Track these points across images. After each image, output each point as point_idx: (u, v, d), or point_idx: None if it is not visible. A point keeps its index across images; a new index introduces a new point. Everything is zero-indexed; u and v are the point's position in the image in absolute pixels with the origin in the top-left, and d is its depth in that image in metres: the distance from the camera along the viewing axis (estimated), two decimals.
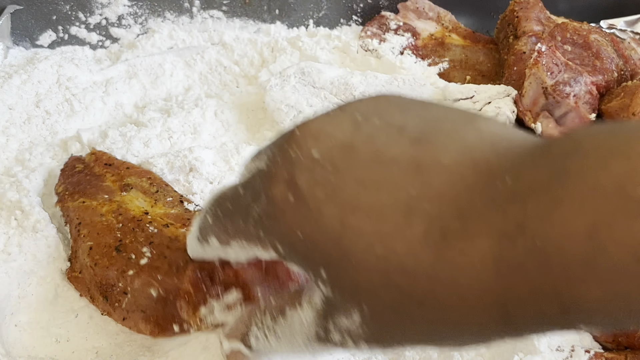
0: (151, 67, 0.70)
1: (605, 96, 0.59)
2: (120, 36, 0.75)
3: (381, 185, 0.29)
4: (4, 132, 0.62)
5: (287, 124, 0.60)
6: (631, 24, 0.75)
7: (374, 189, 0.29)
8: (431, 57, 0.72)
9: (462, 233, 0.27)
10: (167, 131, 0.60)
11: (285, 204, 0.31)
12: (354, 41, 0.74)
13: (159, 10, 0.76)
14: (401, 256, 0.28)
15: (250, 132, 0.64)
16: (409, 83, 0.62)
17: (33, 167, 0.57)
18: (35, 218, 0.51)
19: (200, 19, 0.77)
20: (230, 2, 0.77)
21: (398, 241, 0.28)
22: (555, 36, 0.62)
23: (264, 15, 0.78)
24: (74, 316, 0.48)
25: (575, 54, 0.61)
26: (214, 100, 0.65)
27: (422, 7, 0.76)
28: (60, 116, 0.64)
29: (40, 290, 0.49)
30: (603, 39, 0.63)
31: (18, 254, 0.49)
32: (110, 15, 0.75)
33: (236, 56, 0.73)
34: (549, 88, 0.58)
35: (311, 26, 0.78)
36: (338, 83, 0.62)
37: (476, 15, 0.80)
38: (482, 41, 0.74)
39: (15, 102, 0.64)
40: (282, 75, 0.63)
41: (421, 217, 0.28)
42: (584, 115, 0.57)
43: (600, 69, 0.60)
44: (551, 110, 0.58)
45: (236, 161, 0.56)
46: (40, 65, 0.66)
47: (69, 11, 0.74)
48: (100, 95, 0.66)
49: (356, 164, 0.30)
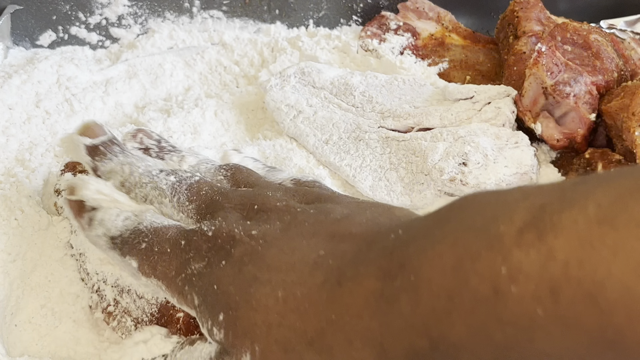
0: (151, 67, 0.70)
1: (605, 96, 0.59)
2: (120, 36, 0.75)
3: (297, 250, 0.34)
4: (4, 132, 0.62)
5: (287, 124, 0.60)
6: (631, 24, 0.75)
7: (290, 253, 0.34)
8: (431, 57, 0.72)
9: (354, 277, 0.31)
10: (167, 131, 0.60)
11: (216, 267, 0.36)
12: (354, 41, 0.74)
13: (159, 10, 0.76)
14: (299, 298, 0.32)
15: (250, 132, 0.64)
16: (408, 83, 0.62)
17: (33, 167, 0.58)
18: (35, 218, 0.51)
19: (200, 19, 0.77)
20: (230, 2, 0.77)
21: (299, 287, 0.33)
22: (555, 36, 0.62)
23: (264, 15, 0.78)
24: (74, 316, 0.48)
25: (575, 54, 0.61)
26: (214, 100, 0.65)
27: (422, 7, 0.76)
28: (60, 116, 0.64)
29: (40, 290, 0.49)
30: (603, 39, 0.63)
31: (18, 254, 0.49)
32: (110, 15, 0.75)
33: (236, 56, 0.73)
34: (549, 88, 0.58)
35: (311, 26, 0.78)
36: (338, 83, 0.62)
37: (476, 15, 0.80)
38: (482, 41, 0.74)
39: (15, 102, 0.64)
40: (282, 75, 0.63)
41: (324, 269, 0.33)
42: (584, 115, 0.57)
43: (600, 69, 0.60)
44: (551, 110, 0.58)
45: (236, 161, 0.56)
46: (40, 65, 0.66)
47: (69, 11, 0.74)
48: (100, 95, 0.66)
49: (283, 239, 0.35)
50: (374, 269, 0.30)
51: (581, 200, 0.24)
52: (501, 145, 0.55)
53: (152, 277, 0.38)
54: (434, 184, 0.53)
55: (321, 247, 0.34)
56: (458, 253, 0.26)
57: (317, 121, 0.59)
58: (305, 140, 0.59)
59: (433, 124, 0.57)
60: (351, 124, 0.59)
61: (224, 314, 0.34)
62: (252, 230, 0.36)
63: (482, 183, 0.52)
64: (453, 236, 0.27)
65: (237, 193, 0.41)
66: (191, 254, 0.37)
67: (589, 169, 0.55)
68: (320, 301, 0.32)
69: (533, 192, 0.27)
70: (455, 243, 0.27)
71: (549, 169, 0.58)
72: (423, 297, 0.27)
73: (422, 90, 0.62)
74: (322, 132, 0.59)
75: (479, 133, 0.55)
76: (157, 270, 0.38)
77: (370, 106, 0.60)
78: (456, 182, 0.52)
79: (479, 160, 0.53)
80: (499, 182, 0.53)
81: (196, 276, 0.36)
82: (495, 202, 0.27)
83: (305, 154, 0.58)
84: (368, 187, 0.55)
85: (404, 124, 0.58)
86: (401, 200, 0.54)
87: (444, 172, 0.52)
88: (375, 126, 0.58)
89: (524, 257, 0.24)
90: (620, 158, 0.55)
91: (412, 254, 0.29)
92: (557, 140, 0.58)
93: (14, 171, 0.57)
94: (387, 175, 0.55)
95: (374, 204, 0.39)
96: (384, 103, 0.60)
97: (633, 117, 0.54)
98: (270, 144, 0.59)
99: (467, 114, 0.57)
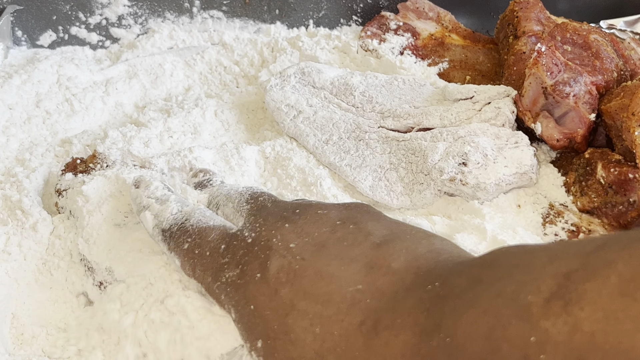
0: (151, 67, 0.70)
1: (605, 96, 0.59)
2: (121, 36, 0.75)
3: (335, 278, 0.34)
4: (4, 132, 0.62)
5: (287, 124, 0.60)
6: (631, 24, 0.75)
7: (328, 280, 0.34)
8: (431, 57, 0.72)
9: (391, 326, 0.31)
10: (167, 131, 0.60)
11: (251, 279, 0.36)
12: (354, 41, 0.74)
13: (159, 10, 0.76)
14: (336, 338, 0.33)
15: (250, 132, 0.64)
16: (408, 83, 0.62)
17: (33, 167, 0.58)
18: (35, 218, 0.51)
19: (200, 19, 0.77)
20: (230, 2, 0.77)
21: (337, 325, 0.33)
22: (555, 36, 0.62)
23: (264, 15, 0.78)
24: (74, 316, 0.48)
25: (575, 54, 0.61)
26: (214, 100, 0.65)
27: (422, 7, 0.76)
28: (60, 116, 0.64)
29: (40, 290, 0.49)
30: (603, 39, 0.63)
31: (18, 254, 0.49)
32: (110, 15, 0.75)
33: (236, 56, 0.73)
34: (549, 88, 0.58)
35: (311, 26, 0.78)
36: (338, 83, 0.62)
37: (476, 15, 0.80)
38: (482, 41, 0.74)
39: (15, 102, 0.64)
40: (282, 75, 0.63)
41: (362, 309, 0.33)
42: (584, 115, 0.57)
43: (600, 69, 0.60)
44: (551, 110, 0.58)
45: (236, 161, 0.56)
46: (40, 65, 0.66)
47: (69, 11, 0.74)
48: (100, 95, 0.66)
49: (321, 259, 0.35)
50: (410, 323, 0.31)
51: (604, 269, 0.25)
52: (501, 145, 0.55)
53: (192, 277, 0.40)
54: (434, 184, 0.53)
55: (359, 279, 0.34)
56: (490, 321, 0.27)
57: (317, 121, 0.59)
58: (305, 140, 0.59)
59: (433, 124, 0.57)
60: (351, 124, 0.59)
61: (262, 342, 0.34)
62: (291, 242, 0.37)
63: (482, 183, 0.52)
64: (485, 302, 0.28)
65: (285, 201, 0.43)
66: (227, 259, 0.38)
67: (589, 168, 0.55)
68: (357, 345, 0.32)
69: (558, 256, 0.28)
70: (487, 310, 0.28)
71: (549, 169, 0.58)
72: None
73: (422, 90, 0.62)
74: (322, 132, 0.59)
75: (479, 133, 0.55)
76: (196, 273, 0.39)
77: (370, 106, 0.60)
78: (456, 182, 0.52)
79: (479, 160, 0.53)
80: (499, 181, 0.53)
81: (231, 287, 0.37)
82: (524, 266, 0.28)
83: (305, 154, 0.58)
84: (368, 187, 0.55)
85: (404, 124, 0.58)
86: (401, 200, 0.54)
87: (444, 172, 0.53)
88: (375, 126, 0.58)
89: (551, 327, 0.25)
90: (620, 158, 0.55)
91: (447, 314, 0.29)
92: (557, 140, 0.58)
93: (14, 171, 0.57)
94: (387, 175, 0.55)
95: (413, 228, 0.39)
96: (384, 103, 0.60)
97: (633, 117, 0.54)
98: (270, 144, 0.59)
99: (467, 114, 0.57)
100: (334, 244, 0.36)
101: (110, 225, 0.48)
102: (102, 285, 0.47)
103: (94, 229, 0.48)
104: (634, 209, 0.51)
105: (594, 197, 0.54)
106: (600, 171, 0.54)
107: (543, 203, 0.55)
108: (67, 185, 0.53)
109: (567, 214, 0.54)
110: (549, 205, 0.55)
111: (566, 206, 0.55)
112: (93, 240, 0.48)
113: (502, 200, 0.54)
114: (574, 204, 0.55)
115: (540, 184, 0.56)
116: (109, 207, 0.50)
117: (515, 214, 0.54)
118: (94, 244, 0.48)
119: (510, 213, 0.53)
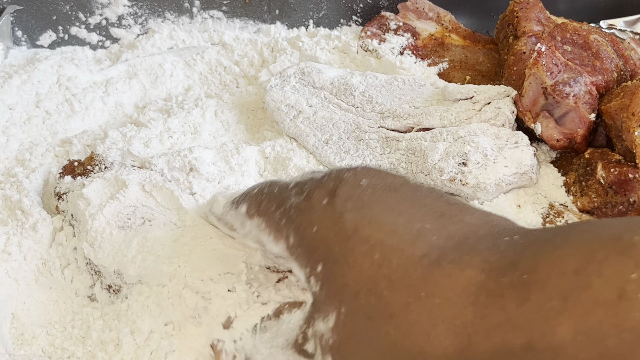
0: (151, 67, 0.70)
1: (605, 96, 0.59)
2: (120, 36, 0.75)
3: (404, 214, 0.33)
4: (4, 132, 0.62)
5: (287, 124, 0.60)
6: (631, 24, 0.75)
7: (396, 214, 0.33)
8: (431, 57, 0.72)
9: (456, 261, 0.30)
10: (167, 131, 0.60)
11: (317, 204, 0.35)
12: (354, 41, 0.74)
13: (159, 11, 0.76)
14: (394, 266, 0.31)
15: (250, 132, 0.64)
16: (408, 83, 0.62)
17: (33, 167, 0.58)
18: (35, 218, 0.51)
19: (200, 19, 0.77)
20: (230, 2, 0.77)
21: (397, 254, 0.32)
22: (555, 36, 0.62)
23: (264, 15, 0.78)
24: (73, 315, 0.48)
25: (575, 54, 0.61)
26: (214, 100, 0.65)
27: (422, 7, 0.76)
28: (60, 116, 0.64)
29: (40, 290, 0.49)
30: (603, 39, 0.63)
31: (18, 254, 0.49)
32: (110, 15, 0.75)
33: (236, 56, 0.73)
34: (549, 88, 0.58)
35: (311, 26, 0.78)
36: (338, 83, 0.62)
37: (476, 15, 0.80)
38: (482, 41, 0.74)
39: (15, 102, 0.64)
40: (282, 75, 0.63)
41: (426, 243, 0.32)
42: (584, 115, 0.57)
43: (600, 69, 0.60)
44: (551, 110, 0.58)
45: (236, 161, 0.56)
46: (40, 65, 0.66)
47: (69, 11, 0.74)
48: (100, 95, 0.66)
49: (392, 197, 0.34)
50: (479, 261, 0.30)
51: None
52: (501, 145, 0.55)
53: (255, 216, 0.39)
54: (434, 184, 0.53)
55: (429, 220, 0.33)
56: (583, 258, 0.26)
57: (317, 121, 0.59)
58: (305, 140, 0.59)
59: (433, 124, 0.57)
60: (351, 124, 0.59)
61: (322, 266, 0.34)
62: (363, 179, 0.36)
63: (482, 183, 0.52)
64: (577, 243, 0.27)
65: None
66: (294, 190, 0.37)
67: (589, 168, 0.55)
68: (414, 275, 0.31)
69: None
70: (579, 249, 0.27)
71: (549, 169, 0.58)
72: (533, 296, 0.27)
73: (422, 90, 0.62)
74: (322, 132, 0.59)
75: (479, 133, 0.55)
76: (261, 207, 0.39)
77: (370, 106, 0.60)
78: (456, 182, 0.52)
79: (479, 160, 0.53)
80: (499, 182, 0.53)
81: (295, 210, 0.36)
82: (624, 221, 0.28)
83: (305, 154, 0.58)
84: None
85: (403, 124, 0.58)
86: None
87: (443, 172, 0.53)
88: (375, 126, 0.58)
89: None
90: (620, 158, 0.55)
91: (527, 256, 0.28)
92: (557, 140, 0.58)
93: (14, 171, 0.57)
94: None
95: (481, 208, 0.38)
96: (384, 103, 0.60)
97: (633, 117, 0.54)
98: (270, 144, 0.59)
99: (467, 114, 0.57)
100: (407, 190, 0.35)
101: (114, 228, 0.48)
102: (112, 288, 0.47)
103: (98, 232, 0.48)
104: (634, 209, 0.51)
105: (594, 197, 0.54)
106: (600, 171, 0.54)
107: (543, 203, 0.55)
108: (67, 188, 0.53)
109: (567, 214, 0.54)
110: (549, 205, 0.55)
111: (566, 206, 0.55)
112: (98, 244, 0.48)
113: (502, 201, 0.54)
114: (574, 204, 0.55)
115: (540, 184, 0.57)
116: (111, 209, 0.49)
117: (515, 214, 0.54)
118: (99, 247, 0.48)
119: (510, 213, 0.53)
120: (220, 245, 0.45)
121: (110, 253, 0.47)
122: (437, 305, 0.29)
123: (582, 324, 0.25)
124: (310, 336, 0.34)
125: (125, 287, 0.47)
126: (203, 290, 0.43)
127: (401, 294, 0.31)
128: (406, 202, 0.34)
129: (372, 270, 0.32)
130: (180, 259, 0.45)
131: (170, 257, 0.45)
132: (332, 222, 0.34)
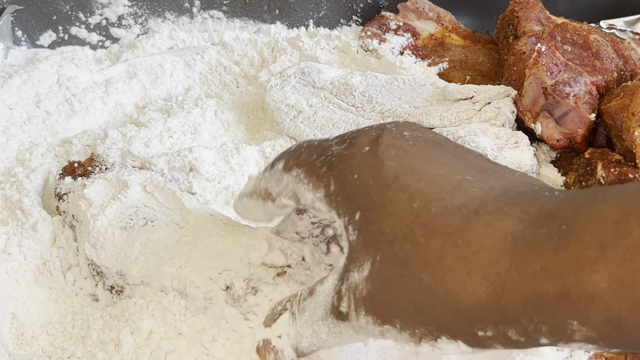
0: (151, 67, 0.70)
1: (605, 96, 0.59)
2: (121, 36, 0.75)
3: (445, 166, 0.33)
4: (4, 132, 0.62)
5: (287, 124, 0.60)
6: (631, 24, 0.75)
7: (438, 165, 0.33)
8: (431, 57, 0.72)
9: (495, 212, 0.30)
10: (167, 131, 0.60)
11: (359, 150, 0.35)
12: (354, 41, 0.74)
13: (159, 11, 0.76)
14: (432, 214, 0.31)
15: (250, 132, 0.64)
16: (408, 83, 0.62)
17: (33, 167, 0.58)
18: (35, 218, 0.51)
19: (200, 19, 0.77)
20: (230, 2, 0.77)
21: (436, 203, 0.31)
22: (555, 36, 0.62)
23: (264, 15, 0.78)
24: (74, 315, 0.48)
25: (575, 54, 0.61)
26: (214, 100, 0.65)
27: (422, 7, 0.76)
28: (60, 116, 0.64)
29: (40, 290, 0.49)
30: (603, 39, 0.63)
31: (18, 254, 0.49)
32: (110, 15, 0.75)
33: (236, 56, 0.73)
34: (549, 88, 0.58)
35: (311, 26, 0.78)
36: (338, 83, 0.62)
37: (476, 15, 0.80)
38: (482, 41, 0.74)
39: (15, 102, 0.64)
40: (282, 75, 0.63)
41: (466, 194, 0.31)
42: (584, 115, 0.57)
43: (600, 69, 0.60)
44: (551, 110, 0.58)
45: (236, 161, 0.56)
46: (40, 65, 0.66)
47: (69, 11, 0.74)
48: (100, 95, 0.66)
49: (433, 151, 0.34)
50: (518, 211, 0.30)
51: None
52: (501, 145, 0.55)
53: (294, 168, 0.38)
54: None
55: (470, 173, 0.33)
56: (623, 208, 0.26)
57: (317, 121, 0.59)
58: None
59: (433, 124, 0.57)
60: (351, 124, 0.59)
61: (360, 214, 0.33)
62: (405, 131, 0.35)
63: None
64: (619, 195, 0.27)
65: None
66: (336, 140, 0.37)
67: (589, 168, 0.55)
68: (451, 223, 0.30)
69: None
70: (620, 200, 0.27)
71: (549, 169, 0.58)
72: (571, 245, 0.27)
73: (422, 90, 0.62)
74: (322, 132, 0.59)
75: (479, 133, 0.55)
76: (301, 158, 0.38)
77: (370, 106, 0.60)
78: None
79: None
80: None
81: (336, 157, 0.36)
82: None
83: None
84: None
85: None
86: None
87: None
88: None
89: None
90: (620, 158, 0.55)
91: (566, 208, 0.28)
92: (557, 140, 0.58)
93: (14, 171, 0.57)
94: None
95: None
96: (384, 103, 0.60)
97: (633, 117, 0.54)
98: (270, 144, 0.59)
99: (467, 114, 0.57)
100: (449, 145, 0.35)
101: (116, 229, 0.48)
102: (114, 289, 0.47)
103: (100, 233, 0.48)
104: None
105: None
106: (600, 171, 0.54)
107: None
108: (67, 189, 0.53)
109: None
110: None
111: None
112: (100, 245, 0.48)
113: None
114: None
115: None
116: (113, 210, 0.49)
117: None
118: (102, 248, 0.48)
119: None
120: (220, 244, 0.45)
121: (112, 254, 0.47)
122: (473, 253, 0.29)
123: (618, 272, 0.25)
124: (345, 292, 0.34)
125: (127, 288, 0.46)
126: (203, 290, 0.43)
127: (437, 241, 0.30)
128: (448, 155, 0.34)
129: (409, 219, 0.31)
130: (182, 260, 0.45)
131: (173, 257, 0.45)
132: (373, 170, 0.34)
